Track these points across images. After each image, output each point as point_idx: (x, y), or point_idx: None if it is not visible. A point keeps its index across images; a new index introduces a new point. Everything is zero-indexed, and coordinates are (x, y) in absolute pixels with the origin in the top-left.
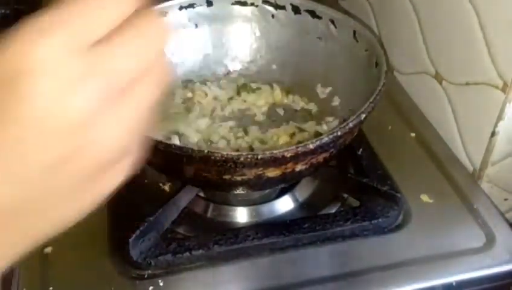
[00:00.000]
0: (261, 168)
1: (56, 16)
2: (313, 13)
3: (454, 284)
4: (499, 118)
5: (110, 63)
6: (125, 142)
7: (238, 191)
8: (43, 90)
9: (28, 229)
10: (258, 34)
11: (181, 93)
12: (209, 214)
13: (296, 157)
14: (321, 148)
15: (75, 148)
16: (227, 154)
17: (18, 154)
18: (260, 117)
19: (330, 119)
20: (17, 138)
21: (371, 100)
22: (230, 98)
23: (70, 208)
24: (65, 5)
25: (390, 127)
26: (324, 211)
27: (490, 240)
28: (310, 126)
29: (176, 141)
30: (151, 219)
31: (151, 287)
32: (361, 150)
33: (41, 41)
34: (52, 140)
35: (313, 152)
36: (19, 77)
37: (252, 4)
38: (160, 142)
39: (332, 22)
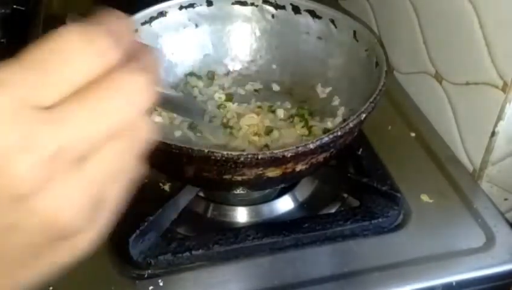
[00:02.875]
0: (261, 168)
1: (8, 71)
2: (313, 13)
3: (454, 284)
4: (499, 118)
5: (66, 128)
6: (82, 213)
7: (238, 191)
8: None
9: None
10: (258, 34)
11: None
12: (209, 214)
13: (296, 157)
14: (321, 148)
15: (19, 218)
16: (227, 154)
17: None
18: None
19: (330, 119)
20: None
21: (371, 100)
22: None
23: (18, 278)
24: (23, 60)
25: (390, 127)
26: (324, 211)
27: (490, 240)
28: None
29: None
30: (151, 218)
31: (151, 287)
32: (361, 150)
33: None
34: None
35: (313, 152)
36: None
37: (252, 4)
38: (160, 142)
39: (333, 22)
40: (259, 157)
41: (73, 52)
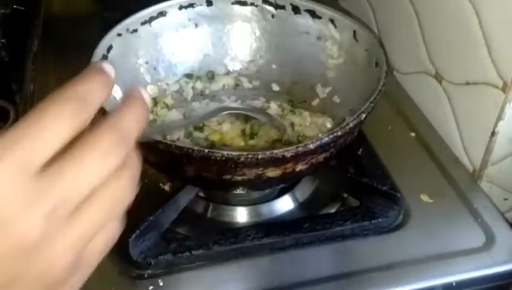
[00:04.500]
0: (261, 168)
1: (3, 141)
2: (313, 13)
3: (454, 284)
4: (499, 118)
5: (60, 186)
6: (75, 261)
7: (238, 191)
8: None
9: None
10: (258, 33)
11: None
12: (209, 214)
13: (296, 157)
14: (321, 148)
15: (24, 270)
16: (227, 154)
17: None
18: None
19: (329, 119)
20: None
21: (371, 100)
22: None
23: None
24: (12, 129)
25: (390, 127)
26: (324, 211)
27: (490, 240)
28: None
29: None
30: (151, 218)
31: (151, 287)
32: (361, 150)
33: None
34: (1, 263)
35: (313, 152)
36: None
37: (252, 4)
38: (160, 142)
39: (332, 22)
40: (259, 157)
41: (51, 119)
